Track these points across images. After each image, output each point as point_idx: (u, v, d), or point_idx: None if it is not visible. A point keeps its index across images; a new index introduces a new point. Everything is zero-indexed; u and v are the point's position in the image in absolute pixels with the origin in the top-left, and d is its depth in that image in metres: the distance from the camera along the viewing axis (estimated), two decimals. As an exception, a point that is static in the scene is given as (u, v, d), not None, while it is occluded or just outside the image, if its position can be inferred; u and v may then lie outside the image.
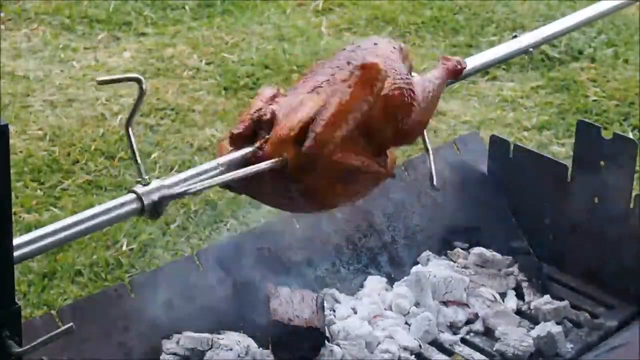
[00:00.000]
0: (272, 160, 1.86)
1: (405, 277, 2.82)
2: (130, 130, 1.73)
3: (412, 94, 2.01)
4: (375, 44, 2.09)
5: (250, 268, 2.66)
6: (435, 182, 2.20)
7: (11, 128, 3.33)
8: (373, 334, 2.62)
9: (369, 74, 1.92)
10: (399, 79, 2.00)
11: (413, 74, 2.14)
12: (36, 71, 4.60)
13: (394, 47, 2.11)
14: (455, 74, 2.26)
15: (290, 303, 2.52)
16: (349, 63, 1.99)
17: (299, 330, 2.48)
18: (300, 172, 1.87)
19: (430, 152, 2.21)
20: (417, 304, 2.73)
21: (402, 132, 2.01)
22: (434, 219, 3.02)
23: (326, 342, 2.54)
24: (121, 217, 1.71)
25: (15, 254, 1.56)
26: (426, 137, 2.20)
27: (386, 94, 1.96)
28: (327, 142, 1.86)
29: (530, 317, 2.78)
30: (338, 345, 2.55)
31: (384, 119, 1.96)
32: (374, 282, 2.81)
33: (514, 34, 2.31)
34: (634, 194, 2.82)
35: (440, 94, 2.17)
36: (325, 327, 2.56)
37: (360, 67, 1.93)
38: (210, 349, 2.49)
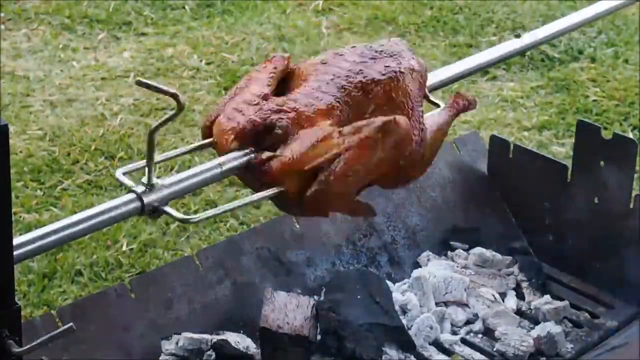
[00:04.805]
0: (272, 191, 1.83)
1: (406, 279, 2.82)
2: (153, 137, 1.71)
3: (422, 142, 1.99)
4: (399, 61, 2.03)
5: (249, 268, 2.66)
6: None
7: (11, 128, 3.32)
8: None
9: (394, 136, 1.89)
10: (416, 132, 1.97)
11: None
12: (36, 71, 4.60)
13: (416, 69, 2.06)
14: (464, 111, 2.25)
15: (284, 309, 2.49)
16: (368, 83, 1.95)
17: (288, 337, 2.44)
18: (295, 206, 1.87)
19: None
20: (417, 304, 2.73)
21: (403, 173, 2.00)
22: (434, 219, 3.02)
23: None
24: (121, 217, 1.71)
25: (15, 253, 1.56)
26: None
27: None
28: (330, 193, 1.84)
29: (530, 317, 2.78)
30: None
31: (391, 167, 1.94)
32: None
33: (516, 33, 2.28)
34: (634, 194, 2.82)
35: (446, 132, 2.16)
36: (317, 335, 2.51)
37: (384, 128, 1.88)
38: (209, 349, 2.49)
